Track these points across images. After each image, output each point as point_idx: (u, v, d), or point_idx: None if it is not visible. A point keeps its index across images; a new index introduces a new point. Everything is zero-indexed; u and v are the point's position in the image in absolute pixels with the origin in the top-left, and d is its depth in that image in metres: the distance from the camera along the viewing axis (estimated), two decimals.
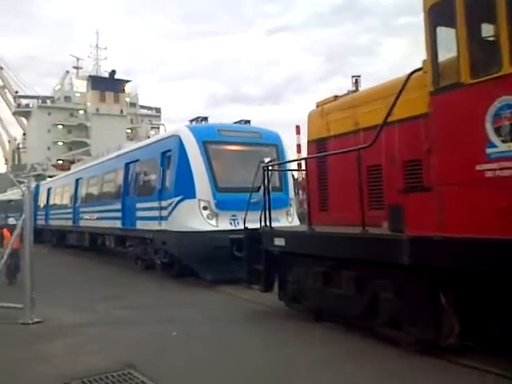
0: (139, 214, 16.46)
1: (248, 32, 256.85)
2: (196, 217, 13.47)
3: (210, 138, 14.18)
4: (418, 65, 6.98)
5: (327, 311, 8.71)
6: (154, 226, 15.12)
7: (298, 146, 47.05)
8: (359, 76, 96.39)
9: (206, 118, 15.90)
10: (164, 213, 14.59)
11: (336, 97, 9.52)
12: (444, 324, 6.55)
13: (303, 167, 11.05)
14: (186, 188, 13.78)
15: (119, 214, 18.12)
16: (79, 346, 7.94)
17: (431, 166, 6.45)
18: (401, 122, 7.55)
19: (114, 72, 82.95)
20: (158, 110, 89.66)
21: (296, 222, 14.83)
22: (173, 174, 14.26)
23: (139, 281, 15.23)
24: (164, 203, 14.60)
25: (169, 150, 14.72)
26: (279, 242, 9.15)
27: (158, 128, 70.53)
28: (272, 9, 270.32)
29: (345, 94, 9.45)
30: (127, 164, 18.06)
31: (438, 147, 6.13)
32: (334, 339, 7.85)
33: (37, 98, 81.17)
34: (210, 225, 13.42)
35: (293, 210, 14.96)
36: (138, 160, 17.21)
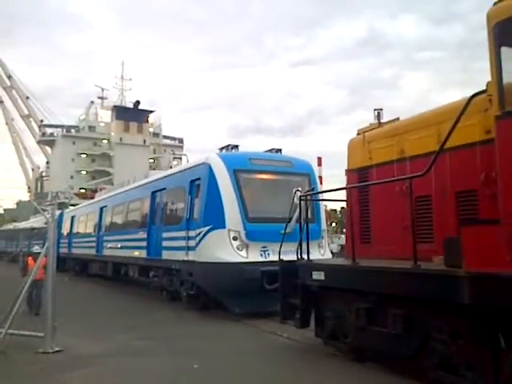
0: (165, 243, 16.08)
1: (270, 64, 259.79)
2: (225, 247, 13.04)
3: (240, 166, 13.84)
4: (439, 99, 6.52)
5: (370, 350, 8.16)
6: (180, 256, 14.71)
7: (320, 178, 46.75)
8: (381, 109, 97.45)
9: (236, 146, 15.60)
10: (191, 243, 14.18)
11: (380, 124, 9.12)
12: (503, 370, 5.97)
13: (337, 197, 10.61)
14: (215, 218, 13.39)
15: (144, 244, 17.76)
16: (98, 377, 7.84)
17: (494, 196, 5.97)
18: (453, 150, 7.10)
19: (138, 102, 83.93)
20: (180, 140, 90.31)
21: (328, 255, 14.33)
22: (202, 203, 13.90)
23: (163, 312, 14.80)
24: (192, 233, 14.21)
25: (198, 179, 14.39)
26: (318, 275, 8.65)
27: (181, 158, 70.48)
28: (295, 42, 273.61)
29: (389, 121, 9.03)
30: (153, 192, 17.78)
31: (506, 175, 5.65)
32: (376, 381, 7.37)
33: (61, 127, 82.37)
34: (240, 256, 12.96)
35: (325, 242, 14.46)
36: (164, 188, 16.91)
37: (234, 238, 13.06)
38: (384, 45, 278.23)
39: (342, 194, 10.30)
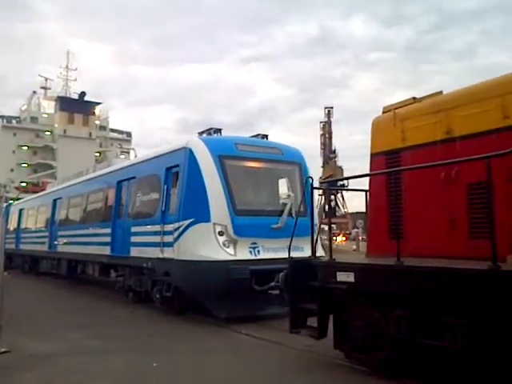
0: (134, 239, 14.34)
1: (222, 60, 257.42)
2: (210, 244, 11.49)
3: (226, 152, 12.31)
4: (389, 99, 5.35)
5: (411, 365, 6.87)
6: (153, 253, 13.05)
7: None
8: (332, 107, 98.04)
9: (219, 130, 13.97)
10: (168, 238, 12.56)
11: (415, 99, 7.83)
12: None
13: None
14: (198, 210, 11.82)
15: (108, 239, 15.89)
16: (49, 378, 7.31)
17: None
18: None
19: (83, 94, 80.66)
20: (128, 134, 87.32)
21: (321, 252, 12.98)
22: (181, 194, 12.28)
23: (119, 310, 13.44)
24: (168, 227, 12.59)
25: (176, 166, 12.76)
26: (346, 277, 7.26)
27: (128, 152, 67.83)
28: (247, 38, 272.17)
29: (429, 96, 7.73)
30: (120, 182, 15.98)
31: None
32: None
33: (1, 117, 77.84)
34: (227, 253, 11.44)
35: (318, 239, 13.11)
36: (133, 178, 15.14)
37: (220, 233, 11.53)
38: (335, 44, 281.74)
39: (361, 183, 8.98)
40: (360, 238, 34.00)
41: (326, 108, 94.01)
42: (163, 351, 8.89)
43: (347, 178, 12.37)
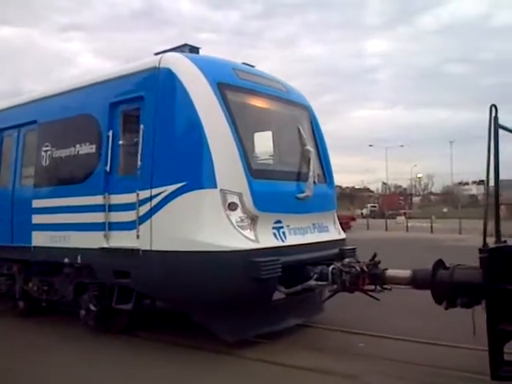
0: (41, 218, 9.00)
1: (37, 26, 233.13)
2: (216, 223, 6.99)
3: (227, 80, 7.76)
4: None
5: None
6: (89, 240, 8.08)
7: None
8: None
9: (196, 50, 9.02)
10: (121, 216, 7.74)
11: None
12: None
13: None
14: (190, 169, 7.20)
15: None
16: None
17: None
18: None
19: None
20: None
21: (343, 235, 9.13)
22: (151, 144, 7.44)
23: None
24: (122, 198, 7.75)
25: (134, 99, 7.88)
26: None
27: None
28: (65, 4, 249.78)
29: None
30: (2, 131, 10.31)
31: None
32: None
33: None
34: (246, 238, 7.04)
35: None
36: (32, 123, 9.63)
37: (232, 207, 7.07)
38: (162, 20, 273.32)
39: None
40: None
41: None
42: None
43: None
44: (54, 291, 9.04)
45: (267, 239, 7.24)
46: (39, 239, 8.95)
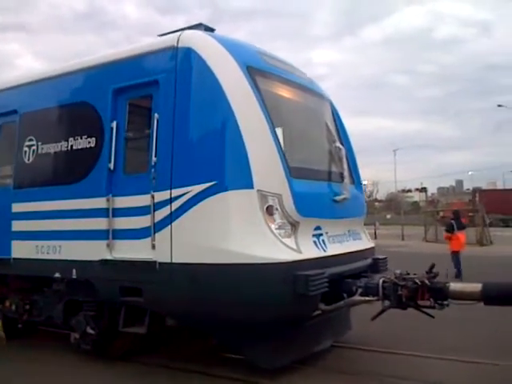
0: (22, 225, 7.62)
1: None
2: (253, 230, 5.90)
3: (256, 64, 6.69)
4: None
5: None
6: (87, 252, 6.81)
7: None
8: None
9: (212, 30, 7.73)
10: (128, 223, 6.54)
11: None
12: None
13: None
14: (221, 166, 6.07)
15: None
16: None
17: None
18: None
19: None
20: None
21: (372, 242, 8.18)
22: (170, 137, 6.26)
23: None
24: (131, 201, 6.54)
25: (145, 84, 6.69)
26: None
27: None
28: (4, 3, 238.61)
29: None
30: None
31: None
32: None
33: None
34: (289, 248, 5.98)
35: None
36: (12, 113, 8.20)
37: (270, 211, 6.01)
38: (106, 23, 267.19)
39: None
40: None
41: None
42: None
43: None
44: (38, 311, 7.67)
45: (309, 249, 6.21)
46: (20, 250, 7.57)
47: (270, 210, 5.98)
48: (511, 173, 70.16)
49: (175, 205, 6.10)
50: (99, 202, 6.76)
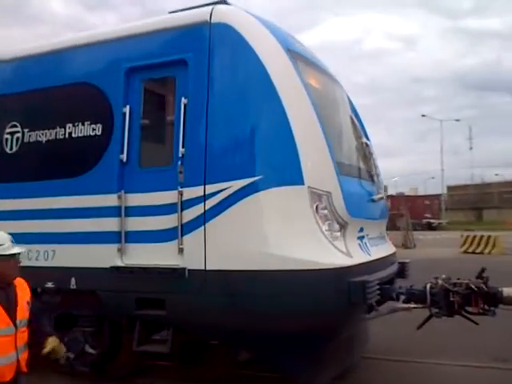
0: (6, 226, 6.27)
1: None
2: (305, 231, 5.20)
3: (293, 47, 6.01)
4: None
5: None
6: (92, 257, 5.85)
7: None
8: None
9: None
10: (149, 223, 5.64)
11: None
12: None
13: None
14: (266, 157, 5.33)
15: None
16: None
17: None
18: None
19: None
20: None
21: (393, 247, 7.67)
22: (201, 122, 5.46)
23: None
24: (145, 198, 5.66)
25: (171, 63, 5.79)
26: None
27: None
28: None
29: None
30: None
31: None
32: None
33: None
34: (340, 251, 5.33)
35: None
36: None
37: (320, 210, 5.34)
38: (30, 16, 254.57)
39: None
40: None
41: None
42: None
43: None
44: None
45: (357, 252, 5.61)
46: None
47: (319, 210, 5.32)
48: (432, 179, 76.92)
49: (210, 203, 5.28)
50: (107, 199, 5.80)
